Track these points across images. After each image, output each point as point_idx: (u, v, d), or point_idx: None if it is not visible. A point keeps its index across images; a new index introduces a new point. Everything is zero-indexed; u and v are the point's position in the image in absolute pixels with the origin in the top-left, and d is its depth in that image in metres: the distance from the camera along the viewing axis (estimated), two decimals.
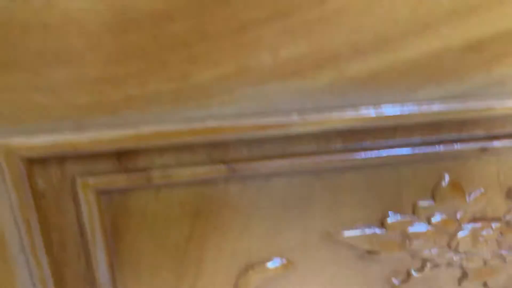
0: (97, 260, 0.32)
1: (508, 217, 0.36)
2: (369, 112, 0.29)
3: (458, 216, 0.35)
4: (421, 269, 0.37)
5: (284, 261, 0.35)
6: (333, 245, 0.35)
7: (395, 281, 0.37)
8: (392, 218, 0.34)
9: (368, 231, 0.34)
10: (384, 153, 0.31)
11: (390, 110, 0.29)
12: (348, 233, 0.34)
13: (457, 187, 0.34)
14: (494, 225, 0.36)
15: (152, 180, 0.29)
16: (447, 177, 0.33)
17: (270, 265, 0.34)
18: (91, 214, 0.30)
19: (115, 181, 0.29)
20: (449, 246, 0.36)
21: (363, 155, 0.31)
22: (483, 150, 0.33)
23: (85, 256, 0.32)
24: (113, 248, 0.32)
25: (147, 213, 0.31)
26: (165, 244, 0.33)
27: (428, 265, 0.37)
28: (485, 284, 0.39)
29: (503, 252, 0.37)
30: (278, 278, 0.35)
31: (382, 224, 0.34)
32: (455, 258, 0.36)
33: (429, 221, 0.35)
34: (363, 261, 0.36)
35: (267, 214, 0.33)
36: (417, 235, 0.35)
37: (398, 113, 0.29)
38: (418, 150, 0.32)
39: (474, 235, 0.36)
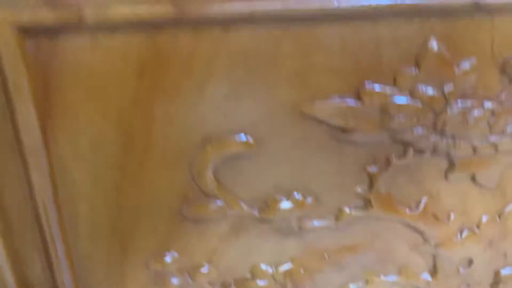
0: (26, 124, 0.27)
1: (502, 96, 0.32)
2: None
3: (446, 90, 0.31)
4: (402, 155, 0.33)
5: (247, 137, 0.31)
6: (302, 121, 0.30)
7: (372, 168, 0.33)
8: (369, 88, 0.30)
9: (342, 103, 0.30)
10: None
11: None
12: (319, 105, 0.30)
13: (445, 54, 0.30)
14: (486, 104, 0.32)
15: (85, 18, 0.25)
16: (433, 41, 0.29)
17: (230, 140, 0.30)
18: (15, 62, 0.25)
19: (39, 16, 0.24)
20: (434, 126, 0.32)
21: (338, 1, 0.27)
22: (476, 6, 0.28)
23: (11, 120, 0.27)
24: (45, 111, 0.28)
25: (84, 67, 0.27)
26: (107, 108, 0.28)
27: (411, 150, 0.33)
28: (473, 177, 0.35)
29: (495, 139, 0.33)
30: (240, 158, 0.31)
31: (358, 95, 0.30)
32: (441, 143, 0.32)
33: (412, 94, 0.30)
34: (337, 142, 0.32)
35: (225, 76, 0.28)
36: (398, 110, 0.30)
37: None
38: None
39: (463, 114, 0.31)
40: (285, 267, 0.36)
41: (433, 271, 0.39)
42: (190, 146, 0.30)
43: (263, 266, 0.36)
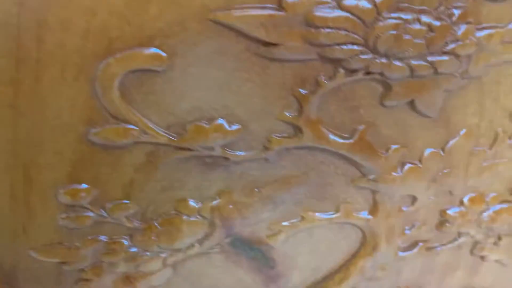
0: None
1: (440, 10, 0.29)
2: None
3: (377, 0, 0.28)
4: (333, 76, 0.30)
5: (156, 50, 0.28)
6: (218, 31, 0.27)
7: (300, 91, 0.30)
8: None
9: (261, 11, 0.27)
10: None
11: None
12: (236, 13, 0.27)
13: None
14: (423, 18, 0.29)
15: None
16: None
17: (137, 50, 0.27)
18: None
19: None
20: (366, 42, 0.29)
21: None
22: None
23: None
24: None
25: None
26: None
27: (341, 70, 0.30)
28: (411, 103, 0.32)
29: (433, 58, 0.30)
30: (152, 75, 0.28)
31: (280, 3, 0.27)
32: (374, 62, 0.30)
33: (339, 3, 0.28)
34: (259, 59, 0.29)
35: None
36: (324, 21, 0.28)
37: None
38: None
39: (397, 28, 0.29)
40: (212, 202, 0.34)
41: (373, 209, 0.37)
42: (91, 58, 0.27)
43: (188, 201, 0.34)
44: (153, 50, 0.27)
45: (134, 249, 0.35)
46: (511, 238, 0.42)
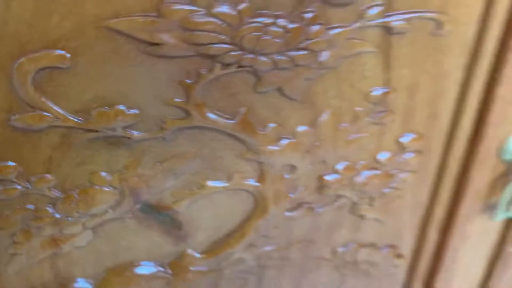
0: None
1: (294, 14, 0.36)
2: None
3: (239, 7, 0.35)
4: (211, 69, 0.37)
5: (60, 52, 0.34)
6: (111, 36, 0.34)
7: (186, 81, 0.37)
8: (168, 5, 0.34)
9: (144, 18, 0.34)
10: None
11: None
12: (123, 21, 0.34)
13: None
14: (279, 21, 0.36)
15: None
16: None
17: (45, 52, 0.34)
18: None
19: None
20: (234, 41, 0.36)
21: None
22: None
23: None
24: None
25: None
26: None
27: (217, 64, 0.37)
28: (280, 89, 0.40)
29: (292, 54, 0.38)
30: (59, 71, 0.35)
31: (159, 11, 0.34)
32: (244, 57, 0.37)
33: (210, 12, 0.34)
34: (147, 57, 0.36)
35: None
36: (197, 25, 0.35)
37: None
38: None
39: (259, 30, 0.36)
40: (120, 174, 0.41)
41: (260, 177, 0.45)
42: (7, 58, 0.33)
43: (100, 174, 0.40)
44: (58, 51, 0.34)
45: (57, 215, 0.41)
46: (383, 199, 0.50)
